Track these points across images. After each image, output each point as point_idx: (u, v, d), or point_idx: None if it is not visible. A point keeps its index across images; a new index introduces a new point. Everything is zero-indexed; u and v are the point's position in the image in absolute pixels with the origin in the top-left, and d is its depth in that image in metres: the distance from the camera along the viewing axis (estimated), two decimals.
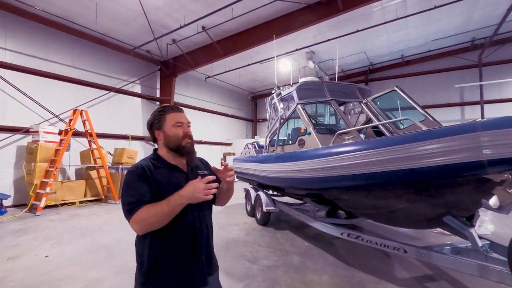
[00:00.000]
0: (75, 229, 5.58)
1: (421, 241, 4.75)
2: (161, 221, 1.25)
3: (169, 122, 1.44)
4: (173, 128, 1.43)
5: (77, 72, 9.85)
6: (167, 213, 1.24)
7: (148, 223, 1.23)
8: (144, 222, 1.23)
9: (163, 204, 1.24)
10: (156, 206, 1.24)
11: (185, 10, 8.67)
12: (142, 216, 1.23)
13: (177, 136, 1.42)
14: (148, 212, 1.22)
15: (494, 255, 2.64)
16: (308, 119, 4.41)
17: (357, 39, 11.03)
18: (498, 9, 9.24)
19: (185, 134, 1.43)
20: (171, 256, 1.34)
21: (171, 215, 1.25)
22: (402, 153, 2.47)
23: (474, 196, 2.51)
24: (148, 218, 1.22)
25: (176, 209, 1.25)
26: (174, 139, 1.42)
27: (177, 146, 1.42)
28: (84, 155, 9.05)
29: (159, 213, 1.23)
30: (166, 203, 1.23)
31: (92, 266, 3.76)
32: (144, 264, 1.34)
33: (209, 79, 15.11)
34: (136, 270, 1.40)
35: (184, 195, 1.24)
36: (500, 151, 2.03)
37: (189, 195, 1.24)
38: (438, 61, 13.48)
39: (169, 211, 1.23)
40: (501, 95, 12.26)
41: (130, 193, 1.30)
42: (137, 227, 1.25)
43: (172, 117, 1.45)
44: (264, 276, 3.44)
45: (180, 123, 1.44)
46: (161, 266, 1.32)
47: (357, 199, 3.51)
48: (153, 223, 1.24)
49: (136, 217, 1.23)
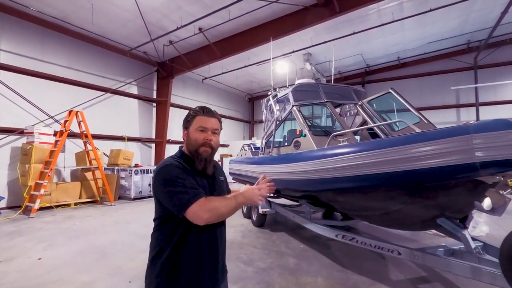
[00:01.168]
0: (69, 231, 5.53)
1: (416, 242, 4.76)
2: (228, 214, 1.30)
3: (194, 125, 1.41)
4: (196, 131, 1.39)
5: (73, 73, 9.81)
6: (234, 208, 1.31)
7: (218, 212, 1.26)
8: (216, 211, 1.25)
9: (231, 199, 1.31)
10: (225, 200, 1.31)
11: (182, 12, 8.67)
12: (215, 204, 1.26)
13: (197, 141, 1.38)
14: (221, 202, 1.28)
15: (487, 256, 2.65)
16: (304, 121, 4.41)
17: (354, 41, 11.09)
18: (493, 12, 9.34)
19: (205, 142, 1.38)
20: (194, 258, 1.32)
21: (235, 211, 1.33)
22: (395, 155, 2.48)
23: (467, 198, 2.51)
24: (220, 207, 1.26)
25: (240, 206, 1.35)
26: (193, 143, 1.39)
27: (194, 151, 1.39)
28: (80, 156, 9.00)
29: (229, 206, 1.29)
30: (235, 199, 1.32)
31: (85, 269, 3.73)
32: (163, 263, 1.30)
33: (206, 80, 15.11)
34: (150, 268, 1.35)
35: (247, 196, 1.38)
36: (492, 153, 2.04)
37: (250, 196, 1.39)
38: (434, 63, 13.59)
39: (235, 207, 1.31)
40: (496, 97, 12.37)
41: (183, 182, 1.26)
42: (207, 215, 1.23)
43: (199, 120, 1.40)
44: (259, 278, 3.42)
45: (203, 128, 1.39)
46: (181, 267, 1.30)
47: (352, 201, 3.51)
48: (222, 214, 1.28)
49: (208, 204, 1.24)
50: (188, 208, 1.21)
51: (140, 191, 9.60)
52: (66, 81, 9.52)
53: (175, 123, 13.61)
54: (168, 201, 1.26)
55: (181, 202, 1.22)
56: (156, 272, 1.31)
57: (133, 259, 4.06)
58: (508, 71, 12.11)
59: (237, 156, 7.91)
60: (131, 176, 9.39)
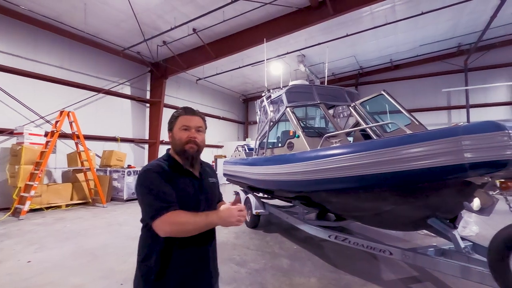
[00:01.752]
0: (60, 233, 5.45)
1: (408, 242, 4.82)
2: (195, 232, 1.24)
3: (177, 125, 1.42)
4: (179, 131, 1.40)
5: (65, 73, 9.68)
6: (203, 227, 1.24)
7: (183, 228, 1.22)
8: (180, 226, 1.21)
9: (202, 217, 1.23)
10: (196, 217, 1.23)
11: (176, 12, 8.64)
12: (181, 220, 1.21)
13: (181, 139, 1.39)
14: (189, 219, 1.21)
15: (476, 256, 2.69)
16: (297, 122, 4.43)
17: (347, 43, 11.20)
18: (483, 16, 9.53)
19: (189, 139, 1.38)
20: (183, 262, 1.31)
21: (205, 229, 1.26)
22: (387, 156, 2.51)
23: (456, 198, 2.56)
24: (187, 224, 1.21)
25: (210, 226, 1.27)
26: (178, 142, 1.40)
27: (180, 150, 1.39)
28: (71, 157, 8.88)
29: (197, 224, 1.22)
30: (205, 218, 1.24)
31: (76, 271, 3.67)
32: (149, 268, 1.29)
33: (200, 81, 15.08)
34: (138, 271, 1.35)
35: (222, 216, 1.26)
36: (481, 154, 2.07)
37: (225, 218, 1.26)
38: (426, 66, 13.80)
39: (205, 226, 1.24)
40: (486, 99, 12.61)
41: (156, 191, 1.25)
42: (169, 229, 1.21)
43: (182, 120, 1.42)
44: (252, 279, 3.42)
45: (186, 126, 1.40)
46: (170, 272, 1.28)
47: (345, 202, 3.53)
48: (187, 230, 1.23)
49: (173, 218, 1.20)
50: (152, 221, 1.22)
51: (133, 193, 9.50)
52: (58, 81, 9.39)
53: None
54: (141, 207, 1.29)
55: (148, 213, 1.25)
56: (144, 276, 1.30)
57: (125, 261, 4.01)
58: (497, 74, 12.36)
59: (231, 157, 7.90)
60: (123, 177, 9.29)
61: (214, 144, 17.22)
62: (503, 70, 12.31)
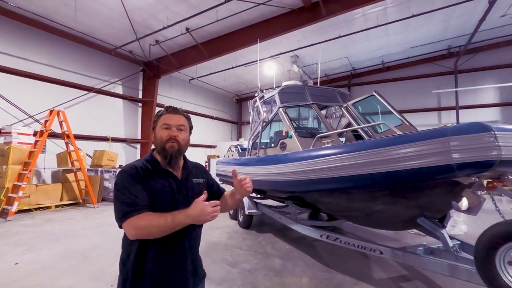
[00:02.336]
0: (49, 235, 5.35)
1: (398, 242, 4.88)
2: (161, 234, 1.21)
3: (159, 124, 1.40)
4: (160, 130, 1.38)
5: (55, 71, 9.52)
6: (169, 228, 1.20)
7: (147, 232, 1.19)
8: (143, 230, 1.19)
9: (167, 218, 1.18)
10: (159, 218, 1.18)
11: (169, 11, 8.58)
12: (144, 223, 1.18)
13: (161, 138, 1.36)
14: (151, 222, 1.18)
15: (464, 254, 2.75)
16: (290, 123, 4.45)
17: (340, 44, 11.29)
18: (472, 19, 9.72)
19: (170, 137, 1.35)
20: (159, 262, 1.29)
21: (172, 230, 1.21)
22: (377, 156, 2.54)
23: (445, 198, 2.60)
24: (149, 227, 1.18)
25: (179, 226, 1.21)
26: (159, 141, 1.37)
27: (161, 148, 1.37)
28: (61, 157, 8.73)
29: (162, 226, 1.18)
30: (171, 218, 1.18)
31: (65, 273, 3.61)
32: (127, 268, 1.29)
33: (194, 80, 15.00)
34: (120, 271, 1.34)
35: (191, 215, 1.20)
36: (468, 155, 2.11)
37: (195, 216, 1.20)
38: (417, 68, 14.01)
39: (171, 227, 1.20)
40: (475, 101, 12.87)
41: (125, 194, 1.23)
42: (134, 232, 1.20)
43: (163, 119, 1.39)
44: (244, 279, 3.42)
45: (167, 125, 1.37)
46: (146, 272, 1.27)
47: (337, 202, 3.56)
48: (151, 233, 1.20)
49: (136, 223, 1.18)
50: (120, 224, 1.23)
51: None
52: (48, 79, 9.23)
53: None
54: (114, 208, 1.28)
55: (117, 215, 1.24)
56: (124, 276, 1.30)
57: (115, 263, 3.93)
58: (486, 76, 12.63)
59: (224, 157, 7.88)
60: (115, 177, 9.16)
61: (208, 144, 17.15)
62: (492, 73, 12.59)
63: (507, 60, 12.27)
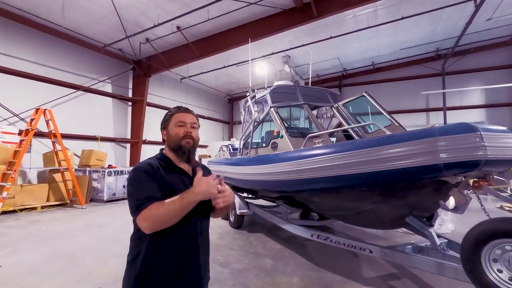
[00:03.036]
0: (35, 236, 5.21)
1: (387, 240, 4.95)
2: (173, 218, 1.19)
3: (172, 122, 1.43)
4: (175, 127, 1.41)
5: (42, 68, 9.28)
6: (179, 209, 1.18)
7: (158, 219, 1.16)
8: (154, 218, 1.16)
9: (175, 200, 1.17)
10: (169, 204, 1.17)
11: (160, 9, 8.48)
12: (152, 212, 1.16)
13: (177, 135, 1.40)
14: (159, 208, 1.16)
15: (451, 252, 2.80)
16: (281, 122, 4.45)
17: (331, 45, 11.38)
18: (459, 22, 9.94)
19: (186, 134, 1.40)
20: (170, 261, 1.28)
21: (183, 212, 1.19)
22: (366, 156, 2.56)
23: (433, 197, 2.65)
24: (158, 214, 1.16)
25: (189, 206, 1.19)
26: (174, 138, 1.40)
27: (177, 145, 1.40)
28: (48, 157, 8.52)
29: (171, 210, 1.16)
30: (179, 199, 1.17)
31: (51, 275, 3.52)
32: (137, 266, 1.27)
33: (185, 80, 14.87)
34: (127, 270, 1.32)
35: (199, 191, 1.20)
36: (455, 155, 2.15)
37: (203, 190, 1.20)
38: (406, 69, 14.25)
39: (181, 207, 1.17)
40: (461, 102, 13.18)
41: (138, 188, 1.24)
42: (147, 224, 1.17)
43: (177, 117, 1.44)
44: (235, 280, 3.40)
45: (182, 122, 1.42)
46: (158, 271, 1.26)
47: (327, 201, 3.58)
48: (163, 220, 1.17)
49: (146, 213, 1.16)
50: (135, 217, 1.22)
51: (113, 193, 9.24)
52: (33, 77, 8.99)
53: (151, 123, 13.26)
54: (128, 203, 1.28)
55: (131, 210, 1.24)
56: (133, 275, 1.28)
57: (104, 264, 3.89)
58: (472, 78, 12.95)
59: (215, 157, 7.83)
60: (104, 177, 9.02)
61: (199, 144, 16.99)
62: (478, 75, 12.91)
63: (492, 63, 12.61)
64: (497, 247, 2.05)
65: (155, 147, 13.60)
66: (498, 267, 2.05)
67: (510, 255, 1.99)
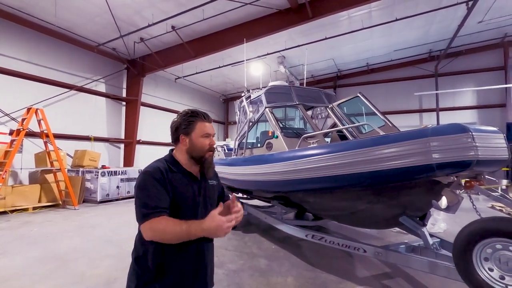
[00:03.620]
0: (26, 238, 5.13)
1: (381, 240, 4.98)
2: (175, 241, 1.23)
3: (198, 131, 1.42)
4: (201, 138, 1.42)
5: (34, 68, 9.14)
6: (183, 235, 1.20)
7: (162, 236, 1.22)
8: (159, 234, 1.21)
9: (183, 226, 1.19)
10: (176, 226, 1.20)
11: (154, 9, 8.43)
12: (160, 228, 1.20)
13: (203, 147, 1.42)
14: (167, 228, 1.20)
15: (443, 251, 2.84)
16: (276, 123, 4.45)
17: (326, 46, 11.43)
18: (452, 24, 10.07)
19: (211, 147, 1.43)
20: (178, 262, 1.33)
21: (186, 238, 1.22)
22: (360, 156, 2.58)
23: (425, 197, 2.68)
24: (165, 232, 1.20)
25: (194, 237, 1.21)
26: (199, 149, 1.41)
27: (201, 157, 1.42)
28: (39, 157, 8.40)
29: (177, 234, 1.20)
30: (187, 228, 1.19)
31: (43, 278, 3.47)
32: (144, 266, 1.32)
33: (179, 80, 14.79)
34: (133, 272, 1.36)
35: (206, 229, 1.19)
36: (447, 155, 2.18)
37: (211, 231, 1.19)
38: (400, 70, 14.38)
39: (186, 235, 1.20)
40: (454, 103, 13.35)
41: (147, 195, 1.26)
42: (150, 234, 1.22)
43: (202, 127, 1.43)
44: (229, 280, 3.39)
45: (208, 134, 1.43)
46: (165, 272, 1.31)
47: (322, 201, 3.60)
48: (165, 238, 1.22)
49: (153, 226, 1.21)
50: (140, 224, 1.25)
51: (107, 194, 9.15)
52: (25, 76, 8.85)
53: (146, 123, 13.17)
54: (135, 208, 1.30)
55: (136, 218, 1.27)
56: (140, 275, 1.32)
57: (97, 266, 3.84)
58: (464, 80, 13.13)
59: None
60: (97, 178, 8.92)
61: None
62: (470, 76, 13.09)
63: (484, 65, 12.81)
64: (488, 246, 2.08)
65: (149, 148, 13.51)
66: (489, 265, 2.08)
67: (501, 253, 2.03)
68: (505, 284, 1.98)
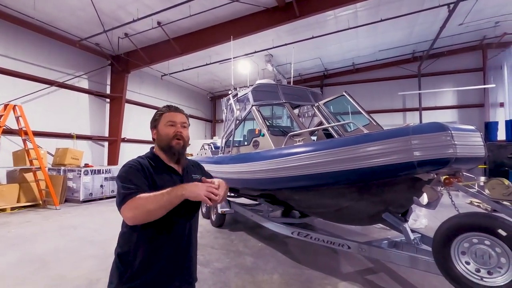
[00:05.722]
0: (3, 239, 4.93)
1: (365, 236, 5.08)
2: (159, 211, 1.16)
3: (162, 121, 1.43)
4: (165, 127, 1.41)
5: (11, 62, 8.75)
6: (166, 202, 1.15)
7: (144, 210, 1.15)
8: (140, 209, 1.15)
9: (163, 192, 1.16)
10: (156, 196, 1.16)
11: (139, 3, 8.24)
12: (140, 202, 1.15)
13: (168, 135, 1.39)
14: (148, 199, 1.15)
15: (423, 246, 2.93)
16: (263, 121, 4.46)
17: (313, 45, 11.52)
18: (434, 26, 10.36)
19: (176, 134, 1.40)
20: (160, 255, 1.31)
21: (170, 206, 1.17)
22: (344, 154, 2.62)
23: (407, 194, 2.75)
24: (146, 204, 1.15)
25: (176, 200, 1.17)
26: (164, 138, 1.40)
27: (167, 145, 1.40)
28: (18, 155, 8.07)
29: (159, 201, 1.15)
30: (167, 192, 1.17)
31: (21, 280, 3.34)
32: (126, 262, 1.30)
33: (166, 77, 14.57)
34: (115, 268, 1.33)
35: (186, 187, 1.19)
36: (427, 153, 2.25)
37: (191, 188, 1.19)
38: (384, 70, 14.70)
39: (168, 200, 1.16)
40: (436, 103, 13.78)
41: (127, 180, 1.25)
42: (132, 214, 1.16)
43: (167, 116, 1.43)
44: (215, 279, 3.38)
45: (172, 122, 1.41)
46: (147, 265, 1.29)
47: (307, 199, 3.64)
48: (149, 210, 1.15)
49: (132, 202, 1.16)
50: (120, 208, 1.20)
51: (90, 193, 8.92)
52: (2, 71, 8.47)
53: (131, 120, 12.89)
54: (116, 199, 1.28)
55: (117, 201, 1.23)
56: (122, 271, 1.31)
57: (78, 267, 3.74)
58: (446, 80, 13.56)
59: (197, 156, 7.74)
60: (80, 177, 8.67)
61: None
62: (450, 77, 13.54)
63: (464, 66, 13.27)
64: (465, 241, 2.16)
65: (134, 146, 13.24)
66: (466, 259, 2.16)
67: (477, 247, 2.10)
68: (480, 277, 2.06)
